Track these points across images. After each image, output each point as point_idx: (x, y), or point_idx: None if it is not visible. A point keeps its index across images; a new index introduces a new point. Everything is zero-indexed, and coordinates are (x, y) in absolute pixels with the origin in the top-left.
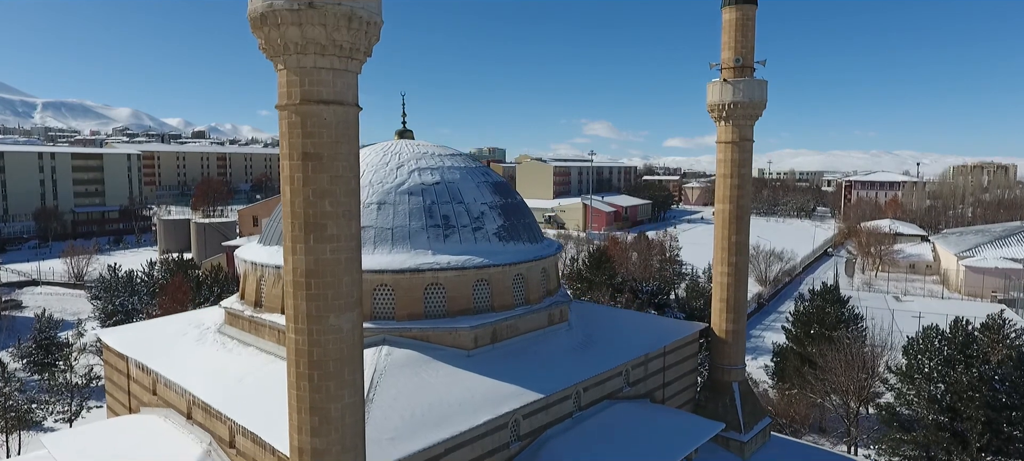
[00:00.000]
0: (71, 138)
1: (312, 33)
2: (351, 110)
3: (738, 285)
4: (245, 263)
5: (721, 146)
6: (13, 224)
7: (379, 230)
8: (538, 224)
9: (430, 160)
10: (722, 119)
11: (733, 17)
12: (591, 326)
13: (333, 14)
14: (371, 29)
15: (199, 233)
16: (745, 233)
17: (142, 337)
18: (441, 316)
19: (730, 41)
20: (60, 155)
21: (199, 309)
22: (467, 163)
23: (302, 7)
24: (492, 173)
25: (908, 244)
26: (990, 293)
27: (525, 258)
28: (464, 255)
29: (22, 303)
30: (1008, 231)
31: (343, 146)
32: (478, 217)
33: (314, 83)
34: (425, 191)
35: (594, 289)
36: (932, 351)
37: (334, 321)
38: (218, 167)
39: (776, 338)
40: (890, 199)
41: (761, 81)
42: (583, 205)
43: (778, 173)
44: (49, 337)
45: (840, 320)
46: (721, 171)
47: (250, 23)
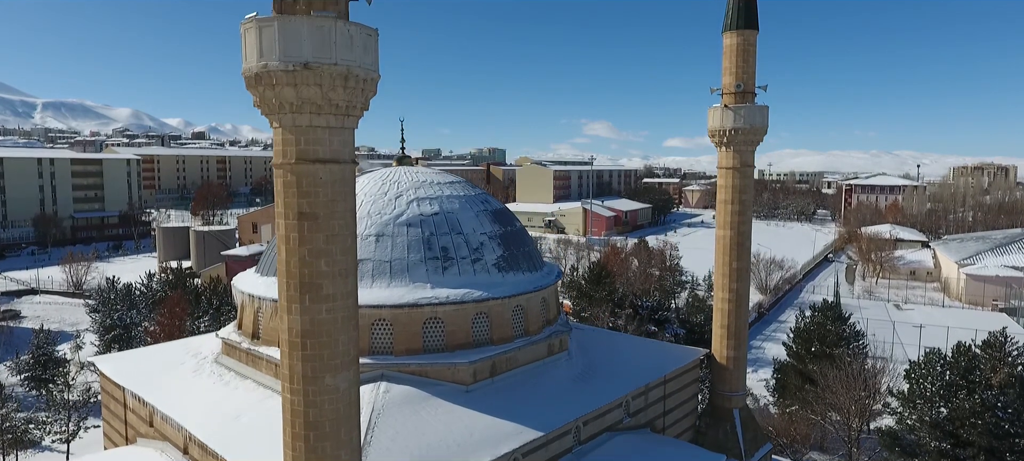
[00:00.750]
0: (71, 140)
1: (308, 93)
2: (347, 167)
3: (739, 312)
4: (242, 294)
5: (722, 172)
6: (12, 230)
7: (377, 263)
8: (538, 250)
9: (429, 189)
10: (723, 144)
11: (734, 42)
12: (591, 354)
13: (329, 74)
14: (368, 86)
15: (198, 241)
16: (746, 259)
17: (139, 365)
18: (440, 350)
19: (731, 66)
20: (59, 161)
21: (196, 335)
22: (466, 190)
23: (297, 68)
24: (492, 200)
25: (909, 251)
26: (991, 301)
27: (524, 289)
28: (463, 288)
29: (21, 313)
30: (1009, 238)
31: (339, 204)
32: (477, 248)
33: (310, 142)
34: (424, 222)
35: (594, 305)
36: (934, 376)
37: (330, 381)
38: (218, 170)
39: (777, 349)
40: (890, 203)
41: (762, 107)
42: (583, 210)
43: (778, 174)
44: (47, 353)
45: (841, 337)
46: (722, 197)
47: (245, 81)
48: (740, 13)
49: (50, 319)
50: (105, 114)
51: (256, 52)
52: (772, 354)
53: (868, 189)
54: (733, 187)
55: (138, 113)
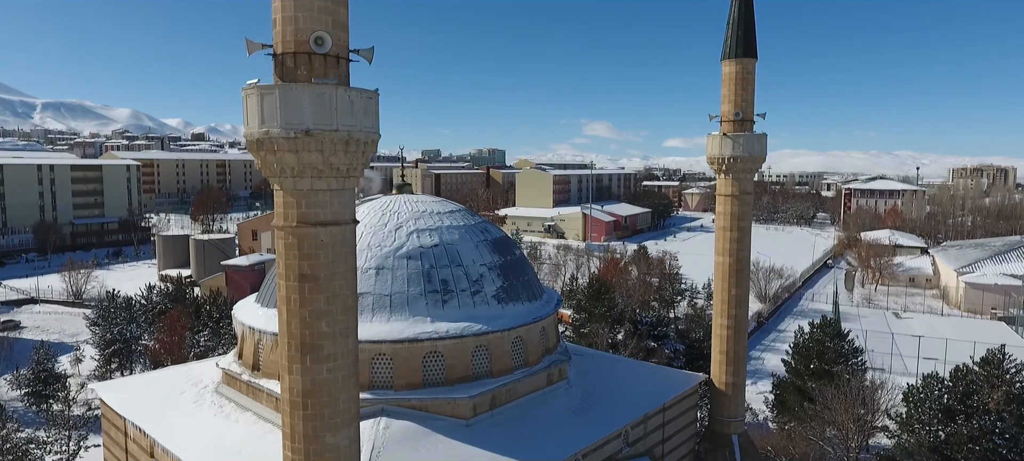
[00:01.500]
0: (71, 141)
1: (309, 159)
2: (349, 228)
3: (738, 338)
4: (243, 325)
5: (721, 199)
6: (12, 236)
7: (377, 297)
8: (537, 278)
9: (429, 220)
10: (722, 172)
11: (733, 70)
12: (590, 382)
13: (330, 140)
14: (368, 147)
15: (198, 250)
16: (745, 286)
17: (139, 393)
18: (440, 384)
19: (730, 94)
20: (59, 167)
21: (196, 350)
22: (466, 219)
23: (299, 135)
24: (492, 229)
25: (908, 257)
26: (990, 310)
27: (524, 321)
28: (463, 322)
29: (20, 323)
30: (1008, 246)
31: (341, 265)
32: (477, 280)
33: (311, 205)
34: (424, 254)
35: (594, 321)
36: (932, 400)
37: (331, 440)
38: (218, 174)
39: (776, 360)
40: (890, 208)
41: (761, 135)
42: (583, 215)
43: (778, 176)
44: (47, 369)
45: (839, 354)
46: (720, 224)
47: (246, 143)
48: (739, 42)
49: (50, 329)
50: (105, 114)
51: (258, 118)
52: (771, 365)
53: (867, 193)
54: (732, 214)
55: (138, 113)
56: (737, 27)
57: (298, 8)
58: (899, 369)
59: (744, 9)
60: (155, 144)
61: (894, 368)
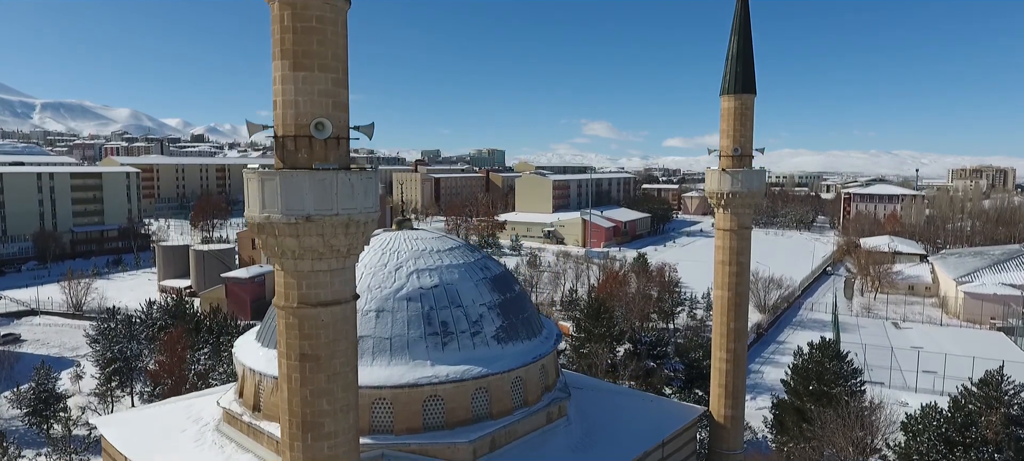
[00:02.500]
0: (70, 142)
1: (309, 242)
2: (349, 305)
3: (737, 372)
4: (243, 366)
5: (720, 233)
6: (12, 244)
7: (377, 340)
8: (537, 311)
9: (428, 259)
10: (721, 206)
11: (732, 106)
12: (590, 418)
13: (330, 224)
14: (368, 226)
15: (198, 261)
16: (743, 319)
17: (140, 429)
18: (440, 428)
19: (729, 129)
20: (59, 175)
21: (197, 376)
22: (466, 257)
23: (299, 221)
24: (492, 264)
25: (907, 265)
26: (989, 319)
27: (524, 361)
28: (463, 364)
29: (21, 337)
30: (1007, 255)
31: (341, 343)
32: (477, 320)
33: (312, 286)
34: (424, 296)
35: (593, 341)
36: (931, 431)
37: None
38: (217, 178)
39: (775, 374)
40: (889, 214)
41: (759, 171)
42: (582, 221)
43: (778, 177)
44: (48, 390)
45: (839, 376)
46: (719, 257)
47: (247, 224)
48: (738, 78)
49: (50, 343)
50: (104, 115)
51: (259, 202)
52: (770, 379)
53: (867, 198)
54: (731, 249)
55: (137, 114)
56: (736, 63)
57: (299, 92)
58: (898, 383)
59: (743, 45)
60: (154, 146)
61: (893, 382)
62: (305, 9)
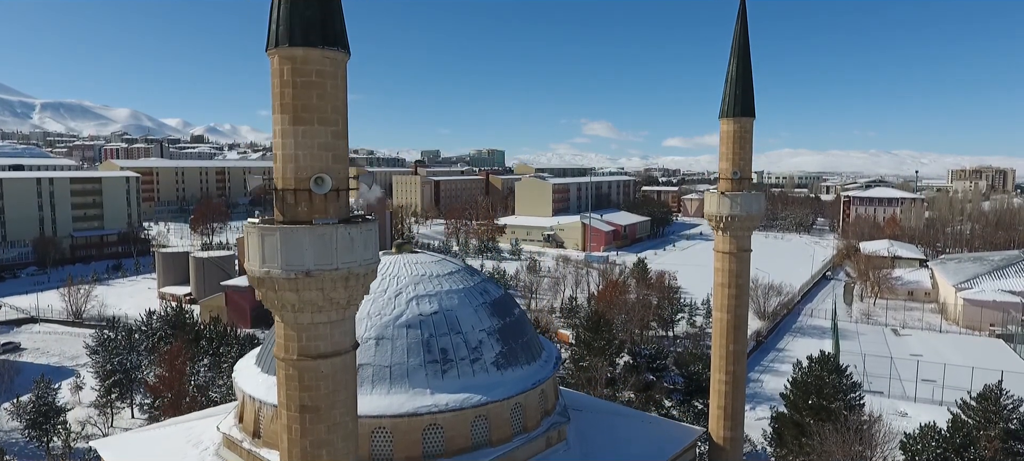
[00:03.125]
0: (70, 143)
1: (309, 296)
2: (349, 356)
3: (736, 394)
4: (243, 392)
5: (718, 255)
6: (11, 249)
7: (377, 368)
8: (536, 332)
9: (428, 284)
10: (720, 229)
11: (731, 129)
12: (589, 441)
13: (330, 278)
14: (367, 278)
15: (198, 268)
16: (743, 341)
17: (139, 453)
18: (439, 456)
19: (728, 152)
20: (59, 180)
21: (196, 410)
22: (466, 281)
23: (299, 276)
24: (491, 288)
25: (907, 270)
26: (988, 326)
27: (523, 387)
28: (463, 393)
29: (20, 345)
30: (1007, 261)
31: (341, 393)
32: (476, 347)
33: (312, 338)
34: (423, 323)
35: (593, 354)
36: (929, 451)
37: None
38: (217, 181)
39: (775, 382)
40: (889, 217)
41: (758, 194)
42: (582, 224)
43: (778, 178)
44: (48, 403)
45: (838, 391)
46: (718, 279)
47: (248, 277)
48: (737, 100)
49: (50, 351)
50: (104, 115)
51: (259, 257)
52: (770, 388)
53: (867, 201)
54: (730, 271)
55: (137, 113)
56: (735, 86)
57: (299, 147)
58: (897, 393)
59: (742, 68)
60: (154, 148)
61: (892, 392)
62: (305, 64)
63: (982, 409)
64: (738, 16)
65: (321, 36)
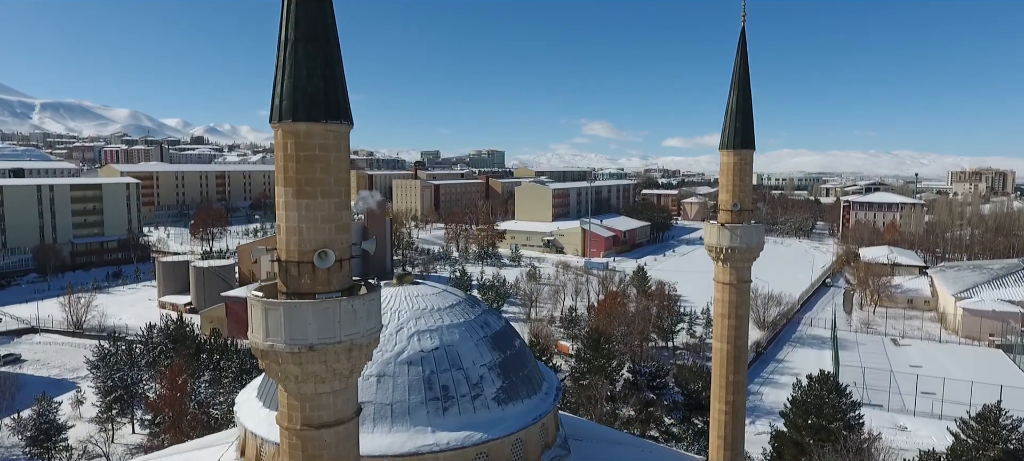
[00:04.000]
0: (70, 145)
1: (312, 368)
2: (351, 424)
3: (736, 423)
4: (244, 427)
5: (718, 286)
6: (12, 257)
7: (379, 406)
8: (536, 361)
9: (429, 319)
10: (720, 260)
11: (731, 161)
12: None
13: (333, 351)
14: (371, 347)
15: (198, 277)
16: (743, 372)
17: None
18: None
19: (728, 184)
20: (59, 187)
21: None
22: (467, 314)
23: (302, 349)
24: (492, 320)
25: (906, 278)
26: (987, 336)
27: (524, 423)
28: (464, 430)
29: (21, 356)
30: (1006, 269)
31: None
32: (477, 383)
33: (315, 408)
34: (424, 359)
35: (593, 372)
36: None
37: None
38: (217, 186)
39: (775, 395)
40: (889, 223)
41: (758, 226)
42: (582, 230)
43: (778, 179)
44: (49, 421)
45: (838, 411)
46: (718, 310)
47: (251, 349)
48: (737, 133)
49: (51, 363)
50: (104, 115)
51: (263, 330)
52: (770, 401)
53: (866, 206)
54: (730, 302)
55: (136, 114)
56: (735, 118)
57: (302, 220)
58: (897, 406)
59: (742, 101)
60: (154, 150)
61: (892, 405)
62: (308, 138)
63: (981, 430)
64: (738, 48)
65: (324, 110)
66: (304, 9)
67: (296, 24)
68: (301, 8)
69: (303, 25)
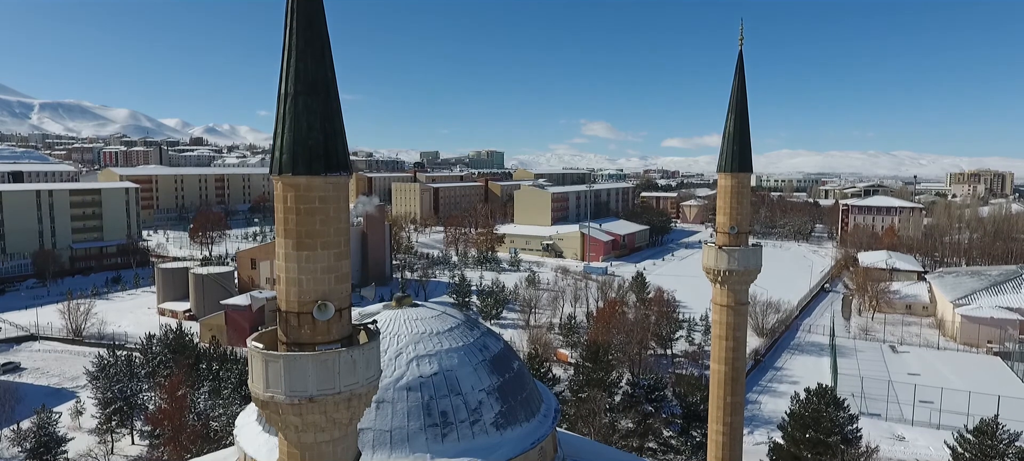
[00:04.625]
0: (69, 146)
1: (312, 419)
2: None
3: (734, 444)
4: (244, 452)
5: (717, 307)
6: (11, 262)
7: (378, 433)
8: (534, 381)
9: (428, 343)
10: (718, 283)
11: (729, 184)
12: None
13: (333, 402)
14: (370, 395)
15: (198, 285)
16: (740, 394)
17: None
18: None
19: (725, 206)
20: (58, 192)
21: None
22: (466, 337)
23: (302, 401)
24: (491, 343)
25: (905, 284)
26: (985, 343)
27: (523, 448)
28: (463, 457)
29: (21, 365)
30: (1004, 276)
31: None
32: (476, 408)
33: (314, 457)
34: (423, 385)
35: (591, 385)
36: None
37: None
38: (216, 189)
39: (774, 404)
40: (887, 228)
41: (755, 249)
42: (581, 234)
43: (777, 181)
44: (48, 434)
45: (835, 425)
46: (716, 332)
47: (253, 400)
48: (734, 156)
49: (50, 372)
50: (103, 115)
51: (263, 381)
52: (768, 410)
53: (865, 210)
54: (727, 324)
55: (135, 114)
56: (732, 142)
57: (302, 271)
58: (894, 415)
59: (739, 124)
60: (153, 151)
61: (890, 415)
62: (308, 191)
63: (979, 443)
64: (735, 73)
65: (324, 164)
66: (304, 63)
67: (296, 78)
68: (301, 62)
69: (303, 79)
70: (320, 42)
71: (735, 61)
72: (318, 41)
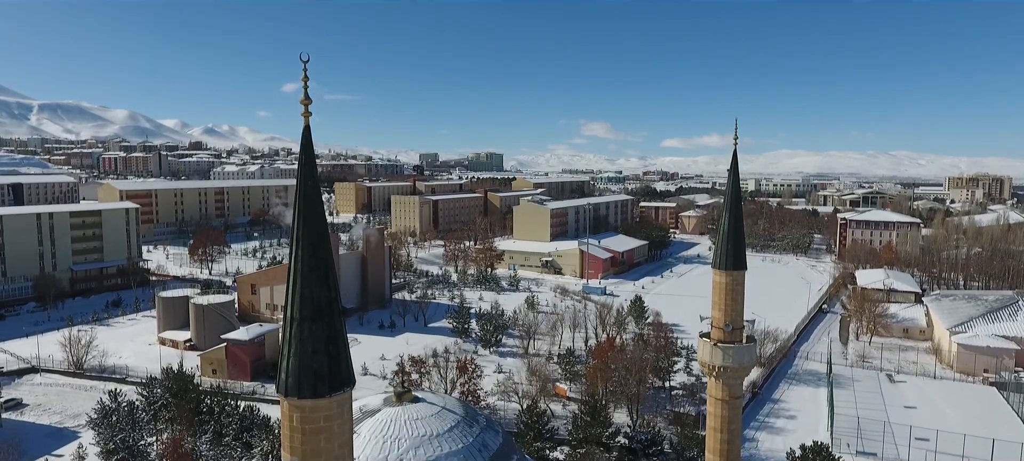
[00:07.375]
0: (68, 150)
1: None
2: None
3: None
4: None
5: (712, 400)
6: (11, 285)
7: None
8: None
9: (429, 446)
10: (713, 376)
11: (724, 281)
12: None
13: None
14: None
15: (198, 315)
16: None
17: None
18: None
19: (720, 302)
20: (58, 214)
21: None
22: (465, 438)
23: None
24: (490, 439)
25: (902, 307)
26: (982, 372)
27: None
28: None
29: (22, 401)
30: (1001, 302)
31: None
32: None
33: None
34: None
35: (589, 442)
36: None
37: None
38: (216, 202)
39: (771, 442)
40: (885, 244)
41: (750, 346)
42: (580, 251)
43: (776, 184)
44: None
45: None
46: (711, 424)
47: None
48: (729, 255)
49: (52, 408)
50: (102, 116)
51: None
52: (766, 447)
53: (863, 225)
54: (722, 417)
55: (135, 115)
56: (727, 241)
57: None
58: (891, 455)
59: (734, 224)
60: (152, 156)
61: (886, 454)
62: (314, 412)
63: None
64: (730, 173)
65: (328, 386)
66: (309, 289)
67: (301, 303)
68: (306, 288)
69: (309, 305)
70: (324, 267)
71: (730, 155)
72: (322, 266)
